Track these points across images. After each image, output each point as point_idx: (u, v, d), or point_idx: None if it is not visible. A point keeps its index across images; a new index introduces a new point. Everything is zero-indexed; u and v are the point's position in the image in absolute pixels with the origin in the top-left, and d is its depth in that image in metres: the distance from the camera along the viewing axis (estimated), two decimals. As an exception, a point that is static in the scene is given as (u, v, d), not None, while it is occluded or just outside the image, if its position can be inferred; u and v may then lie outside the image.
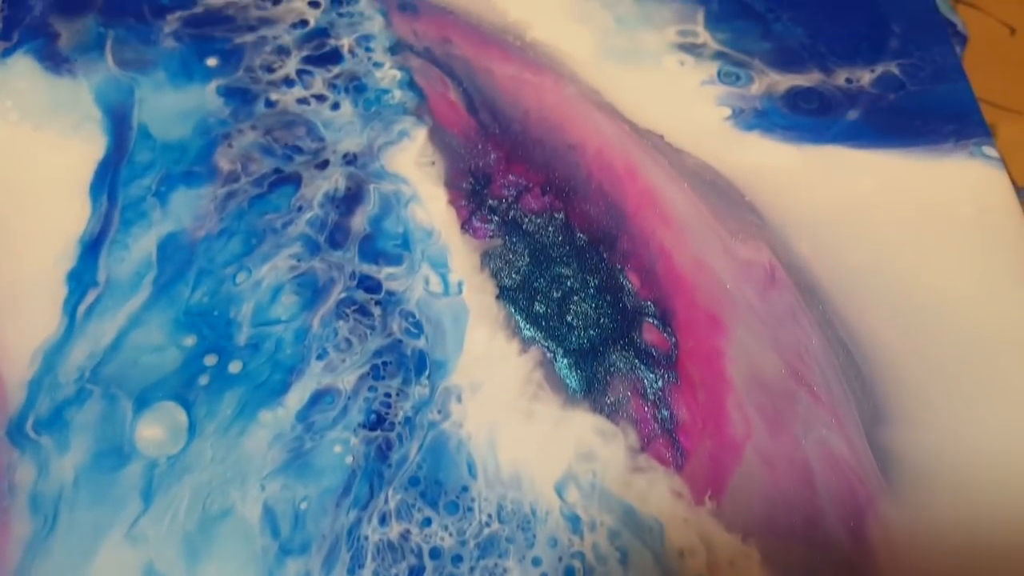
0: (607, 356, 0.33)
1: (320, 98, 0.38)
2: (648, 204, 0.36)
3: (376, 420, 0.31)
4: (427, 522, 0.30)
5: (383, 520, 0.30)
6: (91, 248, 0.34)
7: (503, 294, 0.34)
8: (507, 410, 0.32)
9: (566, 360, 0.33)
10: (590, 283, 0.35)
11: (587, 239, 0.35)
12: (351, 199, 0.36)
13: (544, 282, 0.34)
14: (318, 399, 0.32)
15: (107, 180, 0.35)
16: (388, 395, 0.32)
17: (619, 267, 0.35)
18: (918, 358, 0.33)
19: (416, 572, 0.29)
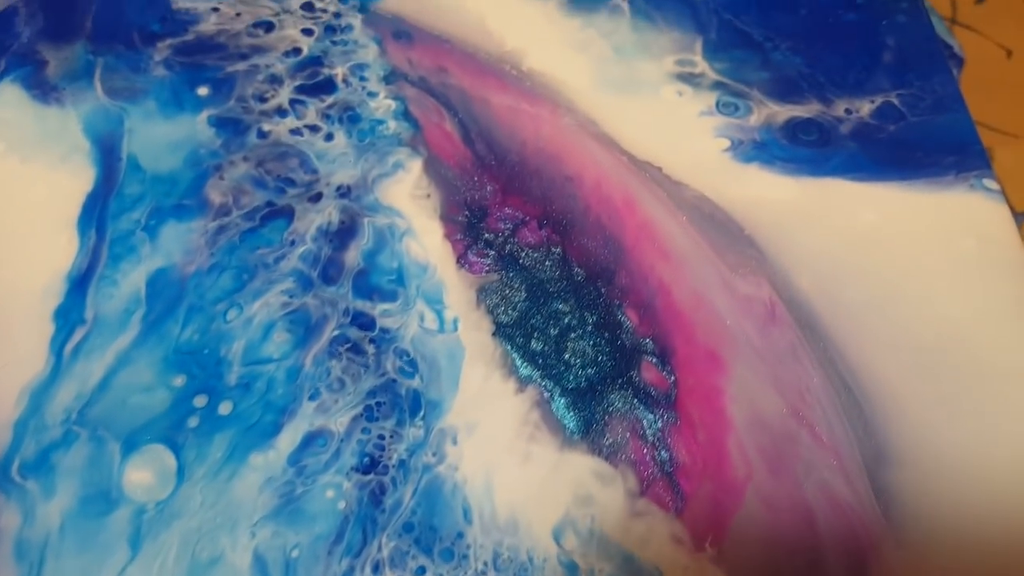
0: (605, 396, 0.33)
1: (313, 129, 0.37)
2: (647, 238, 0.35)
3: (369, 463, 0.31)
4: (422, 571, 0.29)
5: (376, 568, 0.29)
6: (79, 284, 0.33)
7: (499, 331, 0.34)
8: (503, 452, 0.31)
9: (563, 400, 0.32)
10: (588, 320, 0.34)
11: (585, 274, 0.35)
12: (345, 233, 0.35)
13: (541, 319, 0.34)
14: (310, 441, 0.31)
15: (95, 213, 0.35)
16: (382, 437, 0.31)
17: (617, 303, 0.34)
18: (921, 396, 0.32)
19: (411, 622, 0.29)
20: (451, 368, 0.33)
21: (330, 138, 0.37)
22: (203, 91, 0.38)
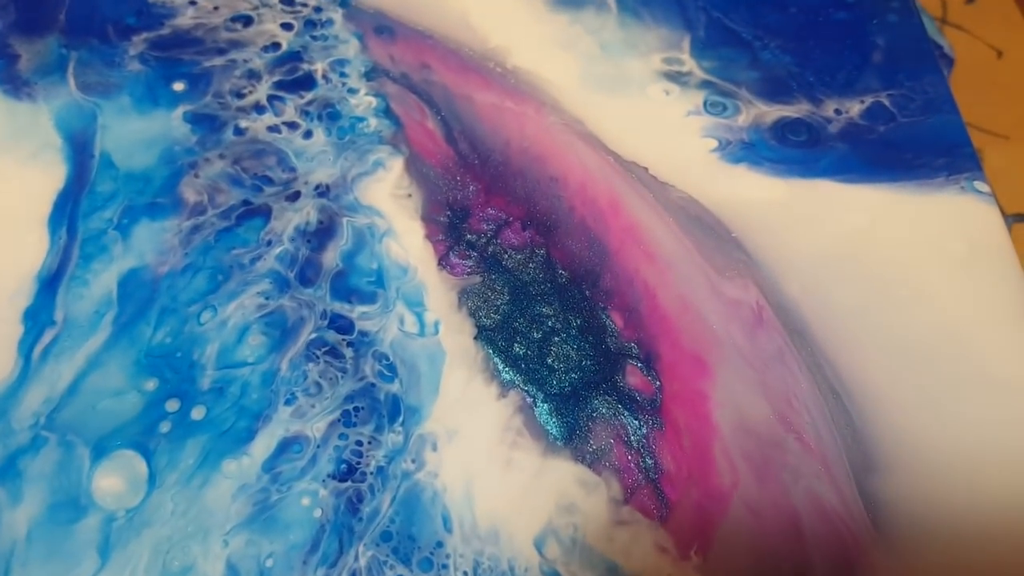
0: (589, 401, 0.32)
1: (292, 126, 0.36)
2: (632, 240, 0.35)
3: (347, 470, 0.30)
4: (399, 581, 0.29)
5: (353, 578, 0.28)
6: (48, 285, 0.32)
7: (481, 335, 0.33)
8: (485, 459, 0.30)
9: (546, 405, 0.32)
10: (572, 323, 0.33)
11: (569, 276, 0.34)
12: (323, 233, 0.34)
13: (524, 322, 0.33)
14: (286, 448, 0.30)
15: (67, 212, 0.34)
16: (360, 443, 0.30)
17: (602, 306, 0.34)
18: (909, 402, 0.32)
19: (388, 634, 0.28)
20: (431, 372, 0.32)
21: (309, 135, 0.36)
22: (179, 86, 0.37)
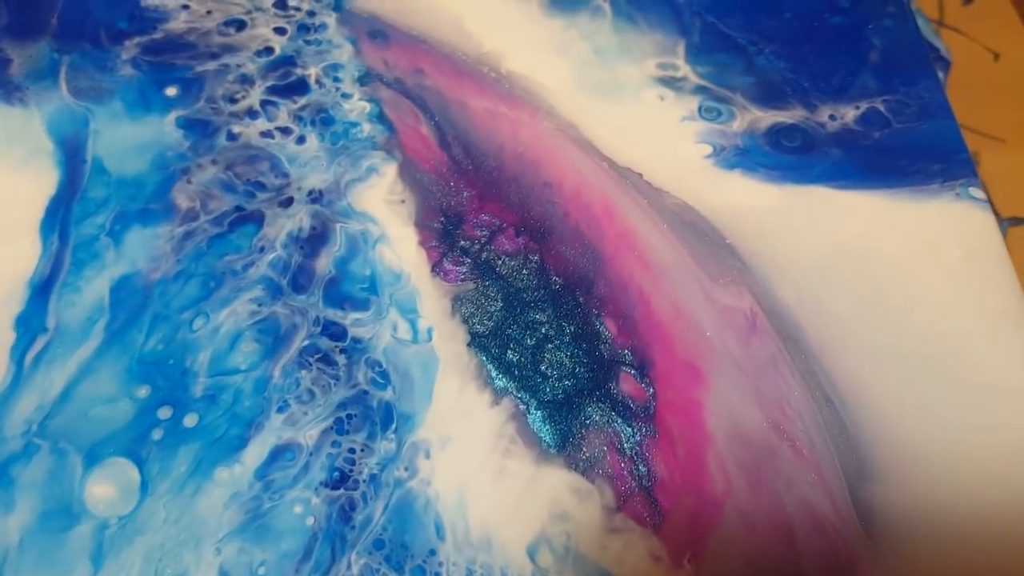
0: (583, 408, 0.32)
1: (285, 131, 0.36)
2: (626, 247, 0.35)
3: (339, 478, 0.30)
4: (392, 590, 0.28)
5: (345, 587, 0.28)
6: (40, 291, 0.32)
7: (475, 341, 0.33)
8: (478, 467, 0.30)
9: (540, 412, 0.32)
10: (565, 330, 0.33)
11: (563, 283, 0.34)
12: (316, 239, 0.34)
13: (518, 329, 0.33)
14: (278, 455, 0.30)
15: (58, 218, 0.34)
16: (352, 451, 0.30)
17: (596, 313, 0.34)
18: (904, 409, 0.32)
19: (380, 643, 0.28)
20: (424, 379, 0.32)
21: (302, 141, 0.36)
22: (171, 91, 0.36)
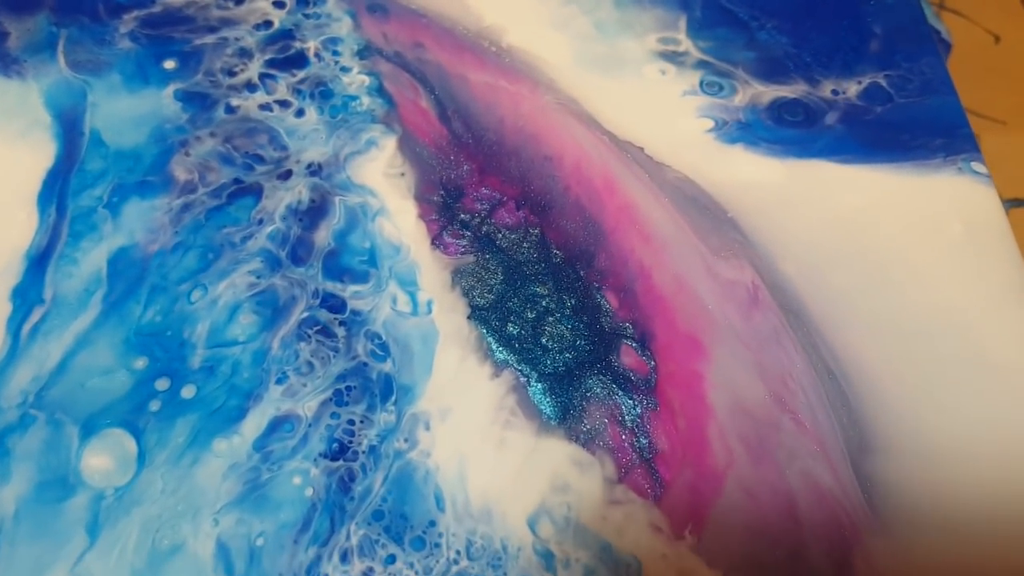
0: (583, 380, 0.32)
1: (284, 104, 0.36)
2: (628, 220, 0.34)
3: (338, 449, 0.30)
4: (391, 559, 0.28)
5: (344, 557, 0.28)
6: (37, 263, 0.32)
7: (475, 314, 0.32)
8: (478, 438, 0.30)
9: (540, 385, 0.31)
10: (566, 303, 0.33)
11: (563, 256, 0.34)
12: (315, 212, 0.34)
13: (518, 302, 0.33)
14: (277, 427, 0.30)
15: (56, 190, 0.33)
16: (352, 422, 0.30)
17: (597, 286, 0.33)
18: (906, 383, 0.32)
19: (379, 613, 0.28)
20: (424, 352, 0.32)
21: (301, 114, 0.36)
22: (170, 64, 0.36)
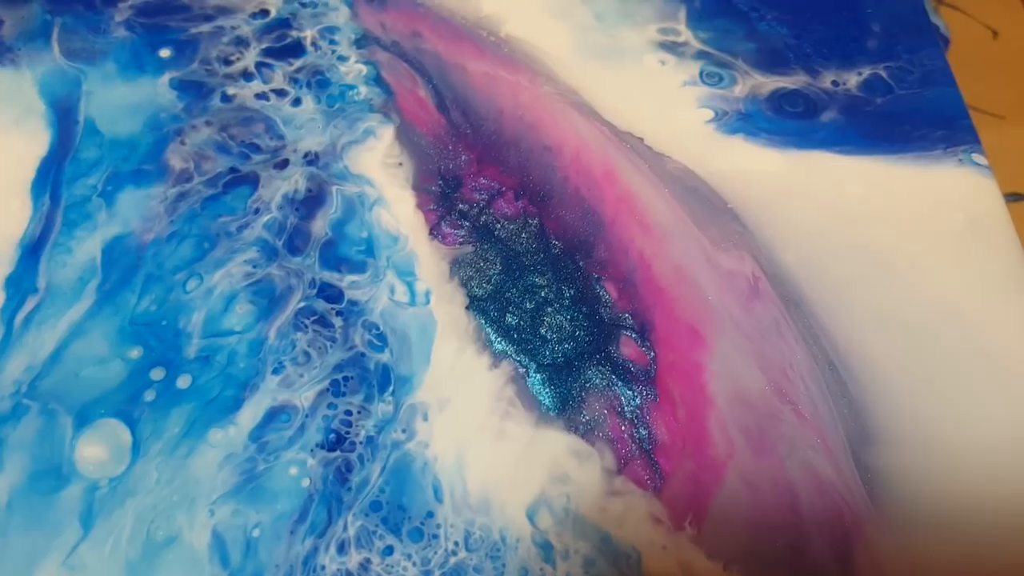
0: (583, 371, 0.31)
1: (280, 93, 0.36)
2: (627, 210, 0.34)
3: (335, 440, 0.29)
4: (389, 550, 0.28)
5: (341, 548, 0.28)
6: (31, 251, 0.32)
7: (473, 305, 0.32)
8: (476, 429, 0.30)
9: (539, 375, 0.31)
10: (565, 293, 0.33)
11: (562, 247, 0.34)
12: (312, 201, 0.34)
13: (517, 292, 0.33)
14: (273, 417, 0.30)
15: (50, 178, 0.33)
16: (349, 413, 0.30)
17: (596, 277, 0.33)
18: (907, 374, 0.31)
19: (376, 604, 0.27)
20: (422, 342, 0.31)
21: (298, 103, 0.36)
22: (165, 53, 0.36)
